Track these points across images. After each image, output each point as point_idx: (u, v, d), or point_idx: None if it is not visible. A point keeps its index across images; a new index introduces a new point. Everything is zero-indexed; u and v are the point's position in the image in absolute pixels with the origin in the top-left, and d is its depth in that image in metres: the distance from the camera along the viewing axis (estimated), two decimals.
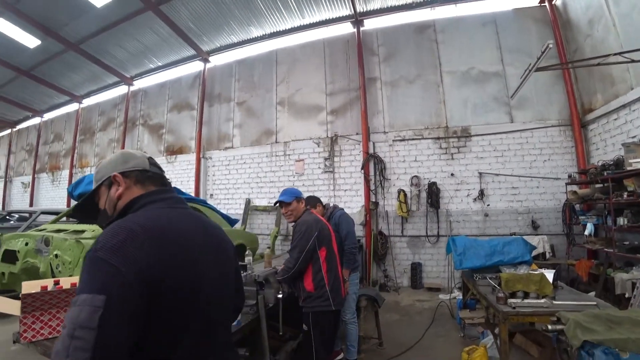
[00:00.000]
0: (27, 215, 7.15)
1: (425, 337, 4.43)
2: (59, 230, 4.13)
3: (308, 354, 2.76)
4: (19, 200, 16.62)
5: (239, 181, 9.61)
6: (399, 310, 5.82)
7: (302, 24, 9.35)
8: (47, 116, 16.66)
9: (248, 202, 9.12)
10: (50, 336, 2.05)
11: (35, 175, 15.92)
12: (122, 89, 13.15)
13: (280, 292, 2.72)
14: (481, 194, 7.18)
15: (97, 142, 13.81)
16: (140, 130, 12.31)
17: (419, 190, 7.53)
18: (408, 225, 7.65)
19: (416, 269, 7.31)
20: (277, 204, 3.12)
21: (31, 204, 15.26)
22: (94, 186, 1.19)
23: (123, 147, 12.39)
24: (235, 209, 9.36)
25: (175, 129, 11.34)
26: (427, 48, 8.10)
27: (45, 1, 8.91)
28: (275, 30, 9.68)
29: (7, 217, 7.45)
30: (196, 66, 11.17)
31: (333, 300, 2.74)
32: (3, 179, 18.07)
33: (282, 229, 8.58)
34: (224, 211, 8.01)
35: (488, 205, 7.19)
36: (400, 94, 8.16)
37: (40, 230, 4.35)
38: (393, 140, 8.00)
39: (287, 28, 9.53)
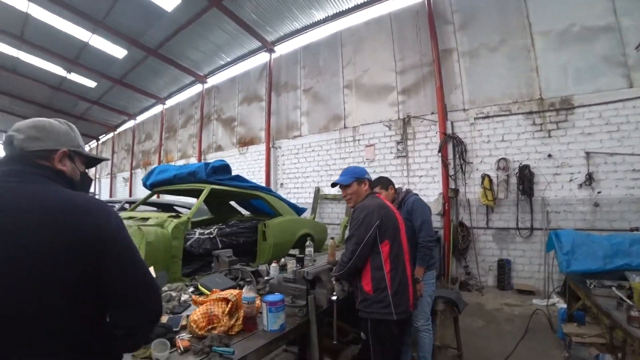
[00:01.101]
0: (115, 205, 7.91)
1: (517, 353, 3.67)
2: (130, 217, 4.35)
3: None
4: (121, 193, 18.96)
5: (308, 169, 9.53)
6: (483, 315, 5.06)
7: (365, 0, 8.77)
8: (140, 118, 18.60)
9: (317, 190, 8.99)
10: None
11: (132, 171, 17.89)
12: (197, 88, 13.95)
13: (334, 293, 2.25)
14: (589, 178, 5.84)
15: (179, 138, 14.95)
16: (214, 125, 12.98)
17: (507, 175, 6.57)
18: (494, 215, 6.77)
19: (504, 267, 6.37)
20: (334, 186, 2.69)
21: (130, 196, 17.21)
22: None
23: (200, 142, 13.27)
24: (305, 198, 9.33)
25: (246, 121, 11.68)
26: (513, 7, 6.94)
27: (126, 13, 9.69)
28: (338, 11, 9.23)
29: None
30: (262, 58, 11.28)
31: (395, 307, 2.18)
32: (110, 175, 20.80)
33: None
34: (294, 200, 7.99)
35: (599, 192, 5.82)
36: (481, 64, 7.17)
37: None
38: (475, 119, 7.10)
39: (350, 7, 9.02)
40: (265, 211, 6.00)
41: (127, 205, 7.38)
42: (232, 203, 6.80)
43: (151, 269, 2.40)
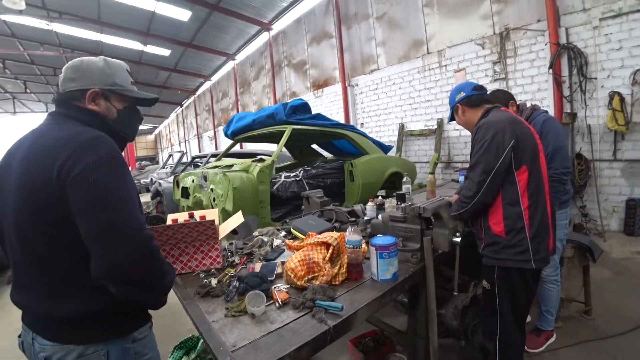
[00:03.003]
0: (202, 160, 8.25)
1: None
2: (215, 167, 4.33)
3: (488, 322, 1.87)
4: (209, 151, 20.29)
5: (389, 105, 8.72)
6: (609, 265, 4.12)
7: None
8: (214, 78, 19.15)
9: (402, 127, 8.25)
10: (182, 271, 1.90)
11: (215, 129, 18.81)
12: (264, 37, 13.54)
13: (457, 233, 1.75)
14: None
15: (254, 91, 15.04)
16: (286, 72, 12.62)
17: None
18: (626, 144, 5.33)
19: (635, 208, 5.02)
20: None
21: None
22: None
23: (274, 91, 13.14)
24: (388, 136, 8.66)
25: (318, 62, 11.05)
26: None
27: None
28: None
29: (193, 162, 8.80)
30: None
31: (535, 253, 1.68)
32: (197, 136, 22.36)
33: (442, 155, 7.47)
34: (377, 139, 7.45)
35: None
36: None
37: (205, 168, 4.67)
38: (600, 20, 5.47)
39: None
40: (349, 152, 5.61)
41: (212, 160, 7.67)
42: (314, 146, 6.55)
43: (239, 214, 2.19)
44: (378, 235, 1.63)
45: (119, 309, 1.04)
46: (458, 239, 1.70)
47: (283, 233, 2.38)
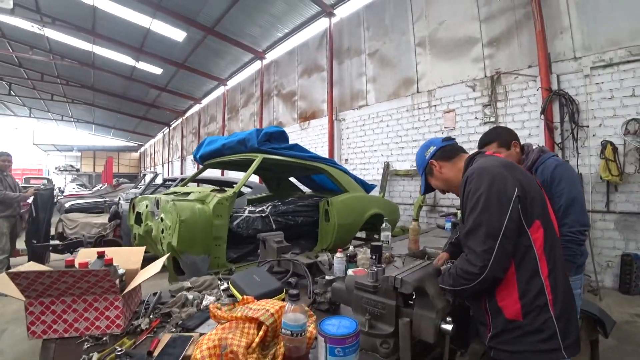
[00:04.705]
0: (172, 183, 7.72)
1: None
2: (173, 193, 3.82)
3: None
4: (191, 173, 19.79)
5: (375, 142, 8.45)
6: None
7: None
8: (204, 102, 18.98)
9: (387, 166, 7.92)
10: (66, 334, 1.39)
11: None
12: (256, 65, 13.52)
13: (448, 318, 1.21)
14: None
15: (241, 118, 14.82)
16: (275, 101, 12.46)
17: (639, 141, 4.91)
18: (619, 195, 5.09)
19: (630, 264, 4.72)
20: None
21: None
22: None
23: (261, 120, 12.94)
24: (372, 175, 8.32)
25: (307, 93, 10.90)
26: None
27: None
28: None
29: (165, 184, 8.23)
30: (322, 24, 10.28)
31: (564, 337, 1.21)
32: (180, 158, 21.87)
33: (428, 198, 7.12)
34: (360, 177, 7.07)
35: None
36: None
37: (165, 192, 4.14)
38: (591, 68, 5.41)
39: None
40: (330, 189, 5.20)
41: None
42: (293, 180, 6.11)
43: (160, 260, 1.69)
44: (330, 318, 1.11)
45: None
46: (449, 327, 1.18)
47: (225, 285, 1.87)
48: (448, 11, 7.17)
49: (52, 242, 5.66)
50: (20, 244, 5.43)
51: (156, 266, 1.59)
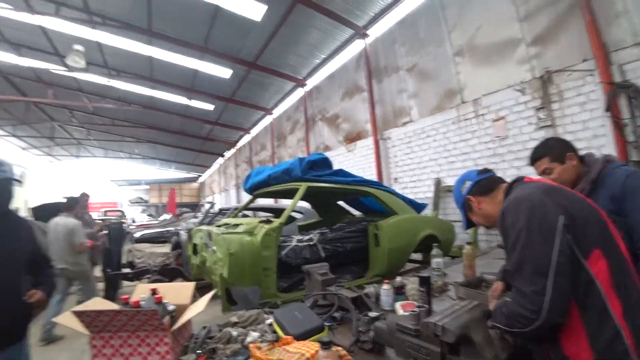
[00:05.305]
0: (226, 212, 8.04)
1: None
2: (225, 224, 3.95)
3: None
4: (245, 201, 20.68)
5: (423, 159, 8.22)
6: None
7: None
8: (253, 132, 19.91)
9: (438, 182, 7.64)
10: None
11: None
12: (299, 92, 13.99)
13: None
14: None
15: (289, 144, 15.27)
16: (319, 125, 12.70)
17: None
18: None
19: None
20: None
21: None
22: None
23: (308, 144, 13.24)
24: (424, 192, 8.05)
25: (350, 115, 11.00)
26: None
27: (221, 33, 10.29)
28: None
29: (221, 212, 8.65)
30: (357, 46, 10.43)
31: None
32: (235, 186, 23.02)
33: None
34: (411, 196, 6.86)
35: None
36: None
37: (218, 224, 4.35)
38: None
39: None
40: (379, 210, 5.07)
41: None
42: (342, 203, 6.12)
43: (205, 298, 1.78)
44: (377, 351, 1.08)
45: None
46: None
47: (270, 320, 1.90)
48: (483, 16, 6.91)
49: (123, 270, 6.18)
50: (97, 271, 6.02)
51: (203, 302, 1.70)
